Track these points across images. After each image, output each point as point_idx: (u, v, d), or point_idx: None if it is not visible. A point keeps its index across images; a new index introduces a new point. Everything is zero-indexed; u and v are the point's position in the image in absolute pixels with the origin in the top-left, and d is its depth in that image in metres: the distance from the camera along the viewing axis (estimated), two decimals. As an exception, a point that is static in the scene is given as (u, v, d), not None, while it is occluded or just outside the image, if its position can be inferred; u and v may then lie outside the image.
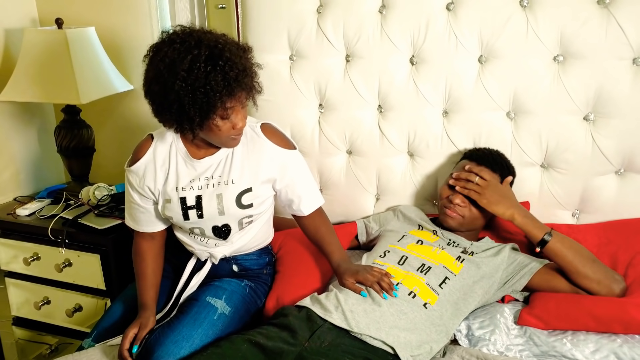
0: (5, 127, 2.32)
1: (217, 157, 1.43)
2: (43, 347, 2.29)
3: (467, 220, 1.58)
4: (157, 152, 1.43)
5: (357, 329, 1.31)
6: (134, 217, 1.50)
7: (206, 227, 1.47)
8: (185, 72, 1.23)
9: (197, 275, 1.54)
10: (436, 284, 1.42)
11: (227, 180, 1.42)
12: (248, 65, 1.30)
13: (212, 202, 1.42)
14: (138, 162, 1.44)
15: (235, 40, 1.33)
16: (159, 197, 1.45)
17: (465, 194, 1.56)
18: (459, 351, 1.35)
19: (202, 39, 1.26)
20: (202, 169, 1.43)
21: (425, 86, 1.75)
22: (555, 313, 1.38)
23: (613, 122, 1.62)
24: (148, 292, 1.47)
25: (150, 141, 1.45)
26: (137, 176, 1.44)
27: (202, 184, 1.43)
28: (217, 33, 1.32)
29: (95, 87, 2.10)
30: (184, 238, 1.53)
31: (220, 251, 1.52)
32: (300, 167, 1.51)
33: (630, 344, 1.31)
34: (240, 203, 1.43)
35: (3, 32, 2.25)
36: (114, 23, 2.29)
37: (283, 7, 1.83)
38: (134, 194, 1.47)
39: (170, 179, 1.43)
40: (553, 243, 1.45)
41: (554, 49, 1.64)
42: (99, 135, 2.31)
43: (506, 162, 1.64)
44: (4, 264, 2.17)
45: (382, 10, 1.76)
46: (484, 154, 1.64)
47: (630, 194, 1.67)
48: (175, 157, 1.43)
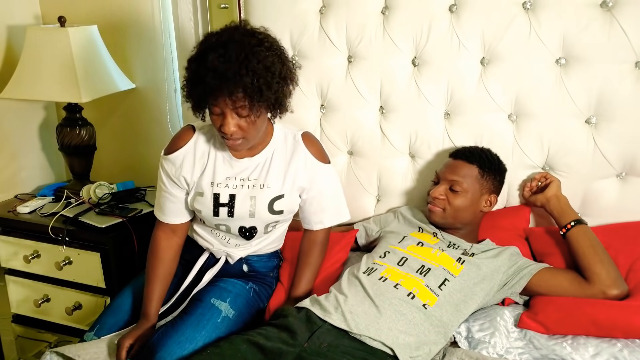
0: (7, 124, 2.32)
1: (256, 159, 1.44)
2: (42, 344, 2.29)
3: (449, 213, 1.58)
4: (197, 144, 1.44)
5: (356, 329, 1.31)
6: (162, 207, 1.49)
7: (233, 226, 1.47)
8: (198, 52, 1.27)
9: (209, 272, 1.54)
10: (435, 286, 1.42)
11: (263, 184, 1.43)
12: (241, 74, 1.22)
13: (244, 203, 1.43)
14: (177, 152, 1.43)
15: (281, 55, 1.31)
16: (192, 189, 1.45)
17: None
18: (459, 353, 1.35)
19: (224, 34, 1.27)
20: (239, 169, 1.44)
21: (427, 88, 1.75)
22: (555, 318, 1.38)
23: (615, 125, 1.62)
24: (153, 303, 1.46)
25: (191, 132, 1.45)
26: (173, 165, 1.44)
27: (237, 183, 1.43)
28: (261, 36, 1.29)
29: (97, 85, 2.10)
30: (204, 234, 1.53)
31: (239, 252, 1.53)
32: (329, 182, 1.52)
33: (631, 348, 1.31)
34: (272, 209, 1.44)
35: (6, 29, 2.26)
36: (117, 21, 2.29)
37: (285, 7, 1.83)
38: (167, 181, 1.47)
39: (207, 173, 1.43)
40: (583, 228, 1.53)
41: (557, 52, 1.64)
42: (100, 133, 2.31)
43: (487, 154, 1.64)
44: (4, 262, 2.17)
45: (384, 11, 1.76)
46: (462, 149, 1.65)
47: (631, 197, 1.66)
48: (215, 152, 1.44)
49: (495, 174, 1.62)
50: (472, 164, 1.60)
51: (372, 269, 1.47)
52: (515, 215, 1.73)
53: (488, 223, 1.68)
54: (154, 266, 1.49)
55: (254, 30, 1.31)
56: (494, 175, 1.62)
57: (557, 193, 1.63)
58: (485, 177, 1.60)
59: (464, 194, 1.57)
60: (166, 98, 2.32)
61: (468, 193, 1.58)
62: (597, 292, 1.41)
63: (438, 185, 1.61)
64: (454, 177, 1.59)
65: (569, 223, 1.55)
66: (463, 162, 1.61)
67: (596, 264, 1.44)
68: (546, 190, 1.64)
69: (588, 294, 1.42)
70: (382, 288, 1.40)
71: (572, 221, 1.55)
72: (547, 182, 1.66)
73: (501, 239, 1.62)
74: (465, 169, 1.59)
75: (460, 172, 1.59)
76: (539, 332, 1.39)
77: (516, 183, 1.73)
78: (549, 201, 1.62)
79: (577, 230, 1.53)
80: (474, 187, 1.58)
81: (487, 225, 1.67)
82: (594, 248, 1.48)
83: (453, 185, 1.58)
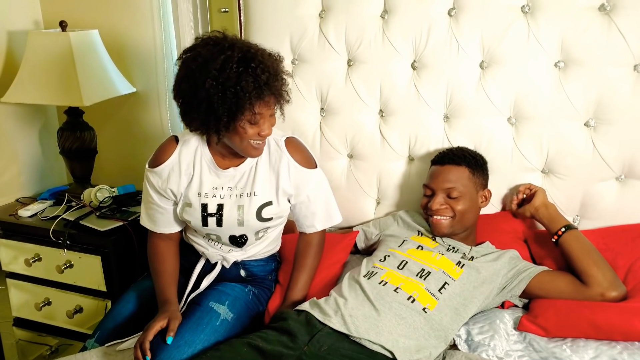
0: (8, 128, 2.33)
1: (241, 168, 1.44)
2: (43, 348, 2.29)
3: (457, 219, 1.57)
4: (182, 156, 1.43)
5: (356, 333, 1.31)
6: (152, 218, 1.50)
7: (223, 235, 1.47)
8: (217, 71, 1.25)
9: (207, 278, 1.54)
10: (435, 289, 1.42)
11: (250, 192, 1.43)
12: (279, 71, 1.33)
13: (232, 213, 1.43)
14: (162, 165, 1.43)
15: (267, 48, 1.36)
16: (180, 200, 1.45)
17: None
18: (459, 356, 1.35)
19: (236, 43, 1.29)
20: (226, 179, 1.44)
21: (427, 91, 1.76)
22: (554, 321, 1.38)
23: (614, 128, 1.62)
24: (170, 288, 1.46)
25: (174, 143, 1.45)
26: (159, 178, 1.44)
27: (224, 192, 1.43)
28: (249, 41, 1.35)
29: (98, 89, 2.11)
30: (197, 240, 1.54)
31: (233, 256, 1.53)
32: (317, 187, 1.51)
33: (630, 351, 1.31)
34: (261, 216, 1.45)
35: (7, 34, 2.26)
36: (118, 26, 2.30)
37: (285, 11, 1.83)
38: (154, 194, 1.47)
39: (194, 183, 1.43)
40: (574, 233, 1.52)
41: (555, 55, 1.64)
42: (101, 137, 2.32)
43: (469, 153, 1.64)
44: (5, 265, 2.18)
45: (384, 15, 1.77)
46: (445, 154, 1.64)
47: (630, 200, 1.67)
48: (200, 162, 1.43)
49: (483, 169, 1.64)
50: (460, 165, 1.59)
51: (373, 272, 1.48)
52: (515, 219, 1.73)
53: (488, 226, 1.68)
54: (159, 263, 1.50)
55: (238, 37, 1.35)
56: (481, 170, 1.63)
57: (544, 201, 1.63)
58: (475, 174, 1.60)
59: (464, 197, 1.57)
60: (167, 102, 2.32)
61: (466, 195, 1.58)
62: (595, 294, 1.41)
63: (434, 197, 1.59)
64: (448, 184, 1.58)
65: (560, 229, 1.54)
66: (451, 166, 1.60)
67: (591, 267, 1.44)
68: (533, 200, 1.64)
69: (587, 296, 1.42)
70: (383, 292, 1.40)
71: (563, 227, 1.54)
72: (532, 193, 1.66)
73: (501, 242, 1.63)
74: (456, 172, 1.59)
75: (452, 178, 1.58)
76: (539, 335, 1.39)
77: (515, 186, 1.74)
78: (538, 210, 1.62)
79: (569, 235, 1.53)
80: (469, 188, 1.59)
81: (487, 228, 1.68)
82: (587, 252, 1.48)
83: (450, 193, 1.57)
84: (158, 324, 1.35)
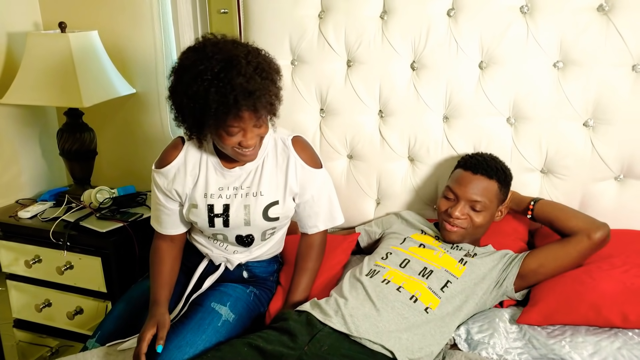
0: (8, 129, 2.33)
1: (247, 167, 1.44)
2: (44, 349, 2.29)
3: (470, 231, 1.55)
4: (188, 157, 1.43)
5: (356, 333, 1.31)
6: (158, 219, 1.50)
7: (230, 235, 1.47)
8: (188, 82, 1.24)
9: (210, 279, 1.54)
10: (438, 288, 1.43)
11: (256, 191, 1.43)
12: (261, 87, 1.25)
13: (239, 212, 1.43)
14: (168, 166, 1.43)
15: (266, 58, 1.31)
16: (186, 201, 1.45)
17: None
18: (459, 356, 1.35)
19: (219, 53, 1.24)
20: (232, 178, 1.44)
21: (426, 91, 1.76)
22: (555, 306, 1.40)
23: (612, 128, 1.63)
24: (162, 290, 1.46)
25: (180, 144, 1.45)
26: (165, 179, 1.44)
27: (230, 193, 1.43)
28: (248, 48, 1.29)
29: (97, 90, 2.11)
30: (203, 241, 1.54)
31: (237, 258, 1.53)
32: (321, 187, 1.51)
33: (630, 346, 1.32)
34: (267, 216, 1.45)
35: (6, 35, 2.27)
36: (117, 27, 2.30)
37: (285, 12, 1.84)
38: (160, 195, 1.47)
39: (199, 184, 1.43)
40: (544, 202, 1.60)
41: (554, 55, 1.65)
42: (101, 138, 2.32)
43: (501, 166, 1.60)
44: (5, 266, 2.18)
45: (383, 16, 1.77)
46: (478, 162, 1.57)
47: (629, 200, 1.67)
48: (206, 163, 1.43)
49: (509, 186, 1.60)
50: (492, 179, 1.53)
51: (375, 271, 1.48)
52: (516, 220, 1.73)
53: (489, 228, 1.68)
54: (158, 264, 1.50)
55: (234, 40, 1.31)
56: (507, 187, 1.59)
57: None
58: (502, 190, 1.56)
59: (485, 212, 1.53)
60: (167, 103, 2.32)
61: (489, 210, 1.54)
62: (583, 240, 1.47)
63: (457, 204, 1.53)
64: (476, 197, 1.51)
65: (529, 204, 1.60)
66: (483, 177, 1.53)
67: (570, 219, 1.52)
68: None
69: (578, 248, 1.47)
70: (385, 291, 1.40)
71: (531, 201, 1.60)
72: None
73: (502, 244, 1.63)
74: (487, 185, 1.53)
75: (482, 191, 1.52)
76: (539, 323, 1.40)
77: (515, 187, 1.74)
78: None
79: (540, 205, 1.59)
80: (494, 204, 1.55)
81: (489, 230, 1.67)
82: (561, 210, 1.56)
83: (475, 205, 1.52)
84: (149, 332, 1.35)
